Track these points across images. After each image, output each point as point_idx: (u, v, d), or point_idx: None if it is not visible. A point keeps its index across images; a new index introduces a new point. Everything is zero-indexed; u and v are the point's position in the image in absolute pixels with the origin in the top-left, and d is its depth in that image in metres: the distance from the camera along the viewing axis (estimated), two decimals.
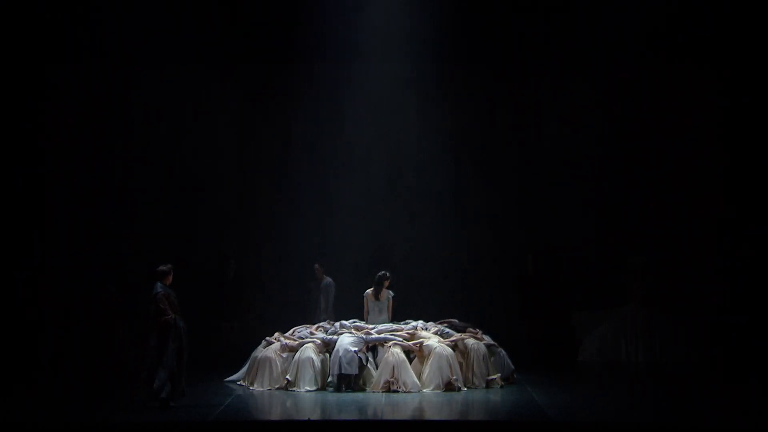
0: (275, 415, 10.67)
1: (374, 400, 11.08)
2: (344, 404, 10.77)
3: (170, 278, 10.65)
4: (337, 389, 11.55)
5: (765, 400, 10.80)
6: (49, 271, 14.91)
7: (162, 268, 10.66)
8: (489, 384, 11.86)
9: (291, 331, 12.60)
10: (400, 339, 11.91)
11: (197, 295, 15.25)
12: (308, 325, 12.82)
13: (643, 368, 14.08)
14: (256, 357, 12.17)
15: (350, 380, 11.59)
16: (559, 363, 14.23)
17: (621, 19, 14.64)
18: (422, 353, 11.79)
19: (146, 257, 15.41)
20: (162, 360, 10.24)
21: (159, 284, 10.54)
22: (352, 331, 12.16)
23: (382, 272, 12.84)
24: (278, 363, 11.91)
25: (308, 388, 11.58)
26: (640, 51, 15.21)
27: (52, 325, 14.41)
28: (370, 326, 12.30)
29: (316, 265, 14.76)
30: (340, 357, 11.57)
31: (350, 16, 15.26)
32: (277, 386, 11.77)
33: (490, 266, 15.87)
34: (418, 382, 11.55)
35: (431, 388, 11.49)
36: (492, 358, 12.12)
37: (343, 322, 12.61)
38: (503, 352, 12.30)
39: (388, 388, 11.47)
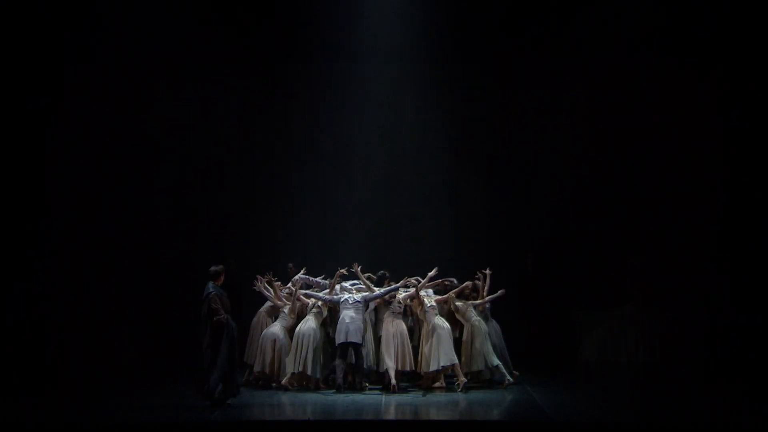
0: (275, 415, 10.68)
1: (374, 400, 11.10)
2: (344, 404, 10.78)
3: (222, 278, 10.79)
4: (338, 389, 11.57)
5: (764, 400, 10.81)
6: (50, 272, 14.88)
7: (214, 268, 10.80)
8: (497, 379, 11.96)
9: (291, 283, 12.72)
10: (401, 286, 12.22)
11: (197, 295, 15.28)
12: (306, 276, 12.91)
13: (643, 368, 14.08)
14: (264, 334, 12.18)
15: (352, 351, 11.71)
16: (559, 363, 14.23)
17: (619, 18, 14.66)
18: (418, 305, 12.00)
19: (146, 257, 15.51)
20: (215, 360, 10.37)
21: (211, 284, 10.67)
22: (353, 292, 12.20)
23: (381, 272, 12.88)
24: (279, 341, 11.99)
25: (297, 370, 11.72)
26: (641, 50, 15.20)
27: (53, 326, 14.39)
28: (376, 289, 12.37)
29: (290, 265, 14.42)
30: (347, 324, 11.71)
31: (350, 16, 15.27)
32: (277, 378, 11.92)
33: (490, 266, 15.84)
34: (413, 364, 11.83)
35: (433, 367, 11.56)
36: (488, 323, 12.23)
37: (344, 284, 12.58)
38: (496, 325, 12.44)
39: (393, 389, 11.49)
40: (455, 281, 12.77)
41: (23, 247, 14.34)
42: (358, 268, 12.38)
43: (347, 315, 11.83)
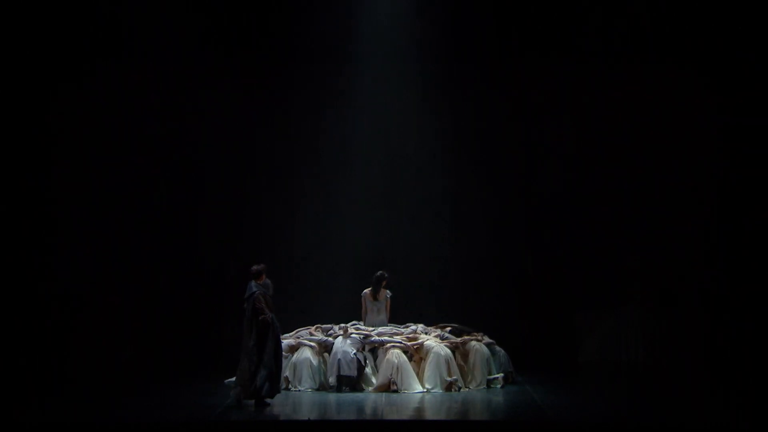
0: (275, 415, 10.67)
1: (374, 400, 11.10)
2: (344, 404, 10.79)
3: (264, 277, 10.88)
4: (337, 390, 11.57)
5: (763, 400, 10.80)
6: (53, 272, 14.87)
7: (256, 267, 10.91)
8: (490, 384, 11.90)
9: (294, 332, 12.62)
10: (399, 341, 11.92)
11: (196, 295, 15.29)
12: (309, 327, 12.82)
13: (643, 368, 14.08)
14: None
15: (351, 381, 11.60)
16: (559, 363, 14.23)
17: (618, 19, 14.66)
18: (420, 354, 11.82)
19: (145, 257, 15.49)
20: (262, 358, 10.46)
21: (254, 284, 10.79)
22: (351, 330, 12.16)
23: (380, 272, 12.86)
24: None
25: (302, 389, 11.65)
26: (640, 50, 15.20)
27: (56, 326, 14.39)
28: (371, 328, 12.30)
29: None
30: (339, 359, 11.60)
31: (350, 16, 15.27)
32: None
33: (490, 266, 15.85)
34: (418, 384, 11.58)
35: (430, 387, 11.52)
36: (492, 358, 12.16)
37: (342, 324, 12.59)
38: (502, 351, 12.36)
39: (388, 388, 11.48)
40: (457, 326, 12.74)
41: (26, 248, 14.34)
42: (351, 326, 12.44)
43: (339, 350, 11.74)
